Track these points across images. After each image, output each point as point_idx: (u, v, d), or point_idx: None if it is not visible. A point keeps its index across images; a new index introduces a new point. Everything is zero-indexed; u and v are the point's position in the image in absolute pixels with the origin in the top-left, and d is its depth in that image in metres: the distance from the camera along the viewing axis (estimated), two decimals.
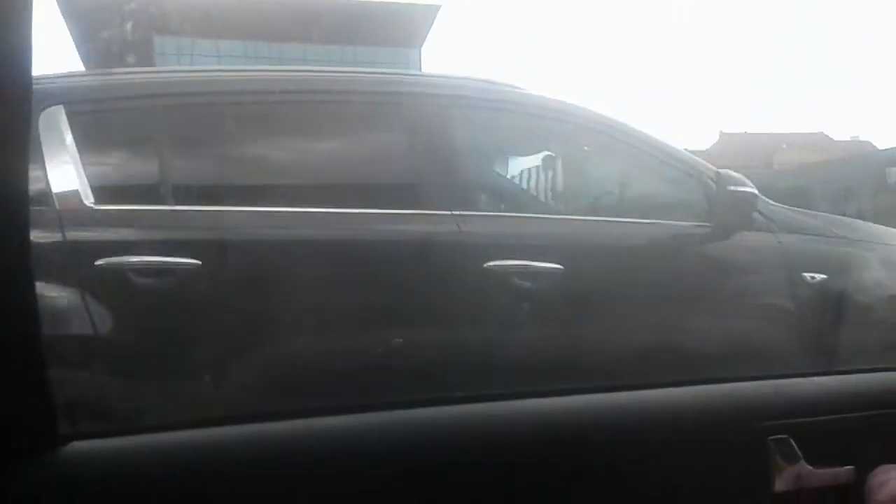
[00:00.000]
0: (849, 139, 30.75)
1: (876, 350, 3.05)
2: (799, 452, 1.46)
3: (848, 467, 1.49)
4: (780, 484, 1.46)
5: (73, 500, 1.18)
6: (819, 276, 3.15)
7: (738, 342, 2.99)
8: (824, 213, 3.93)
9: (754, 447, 1.46)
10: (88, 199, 2.54)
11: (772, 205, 3.33)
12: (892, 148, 19.01)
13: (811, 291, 3.14)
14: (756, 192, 3.12)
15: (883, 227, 3.86)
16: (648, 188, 3.58)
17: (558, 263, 2.80)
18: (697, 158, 3.31)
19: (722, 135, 29.52)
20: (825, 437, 1.51)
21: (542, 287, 2.79)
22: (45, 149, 2.51)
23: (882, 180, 19.93)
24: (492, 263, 2.73)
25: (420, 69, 13.74)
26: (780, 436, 1.46)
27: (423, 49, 15.29)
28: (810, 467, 1.47)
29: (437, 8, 14.75)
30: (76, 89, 2.82)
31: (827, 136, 33.17)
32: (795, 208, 3.63)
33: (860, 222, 4.03)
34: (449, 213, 2.83)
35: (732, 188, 3.07)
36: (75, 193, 2.52)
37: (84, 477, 1.21)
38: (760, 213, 3.19)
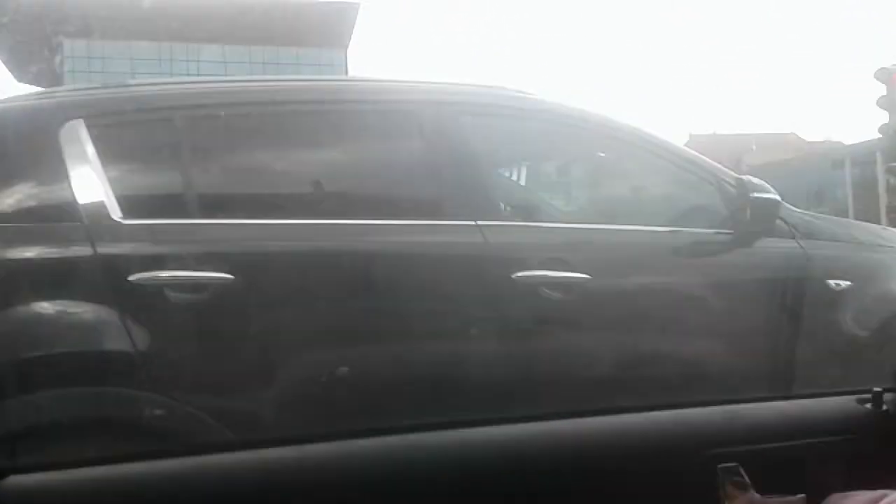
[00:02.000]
0: (822, 140, 31.03)
1: None
2: (747, 480, 1.46)
3: (800, 495, 1.47)
4: None
5: None
6: (844, 283, 3.06)
7: (772, 356, 2.95)
8: (848, 220, 3.74)
9: (704, 475, 1.45)
10: (116, 214, 2.49)
11: (794, 211, 3.27)
12: (857, 143, 19.05)
13: (838, 299, 3.04)
14: (778, 198, 3.03)
15: None
16: (667, 196, 3.47)
17: (585, 273, 2.76)
18: (717, 165, 3.24)
19: (691, 136, 29.62)
20: (777, 463, 1.51)
21: (569, 298, 2.74)
22: (67, 162, 2.46)
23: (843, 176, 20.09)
24: (520, 274, 2.69)
25: (346, 71, 13.49)
26: (729, 463, 1.46)
27: (351, 51, 15.02)
28: (759, 496, 1.46)
29: (356, 6, 14.62)
30: (95, 102, 2.76)
31: (799, 136, 33.43)
32: (818, 214, 3.49)
33: (888, 228, 3.88)
34: (474, 223, 2.77)
35: (755, 195, 2.98)
36: (102, 207, 2.44)
37: None
38: (783, 219, 3.09)
